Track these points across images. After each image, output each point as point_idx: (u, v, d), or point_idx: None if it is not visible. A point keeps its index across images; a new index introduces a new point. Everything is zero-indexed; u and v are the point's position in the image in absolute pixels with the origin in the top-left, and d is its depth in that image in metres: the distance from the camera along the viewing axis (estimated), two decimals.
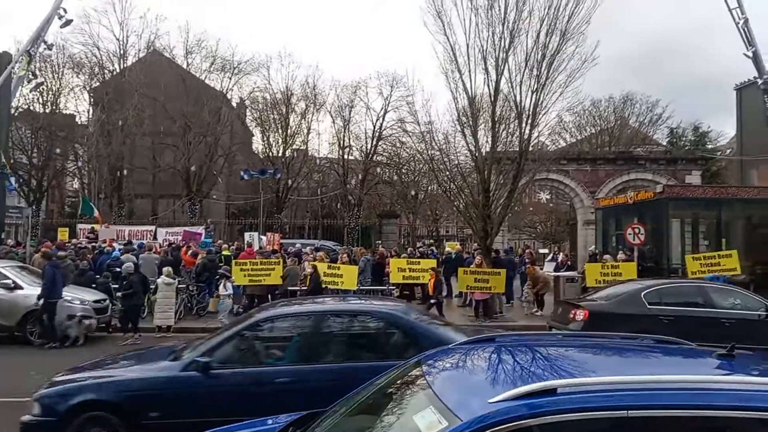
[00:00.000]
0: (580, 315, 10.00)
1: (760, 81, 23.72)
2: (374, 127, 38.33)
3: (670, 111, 43.53)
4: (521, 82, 15.68)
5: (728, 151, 44.34)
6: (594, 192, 26.30)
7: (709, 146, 39.68)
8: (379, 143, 39.00)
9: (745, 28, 22.57)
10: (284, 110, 36.78)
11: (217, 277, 14.57)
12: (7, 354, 11.23)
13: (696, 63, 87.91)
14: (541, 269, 17.43)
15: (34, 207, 30.58)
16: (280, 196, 36.03)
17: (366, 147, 38.85)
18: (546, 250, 36.21)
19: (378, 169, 40.94)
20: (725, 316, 9.76)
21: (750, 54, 23.04)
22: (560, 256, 21.75)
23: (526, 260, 17.91)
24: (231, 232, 33.70)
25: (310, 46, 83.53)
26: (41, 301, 11.57)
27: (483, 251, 16.00)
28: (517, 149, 16.20)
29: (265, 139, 38.44)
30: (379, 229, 33.99)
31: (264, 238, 22.41)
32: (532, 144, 16.53)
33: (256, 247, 18.90)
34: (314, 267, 14.39)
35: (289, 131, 37.05)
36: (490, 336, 3.57)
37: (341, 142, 38.62)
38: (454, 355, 3.22)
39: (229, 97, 37.63)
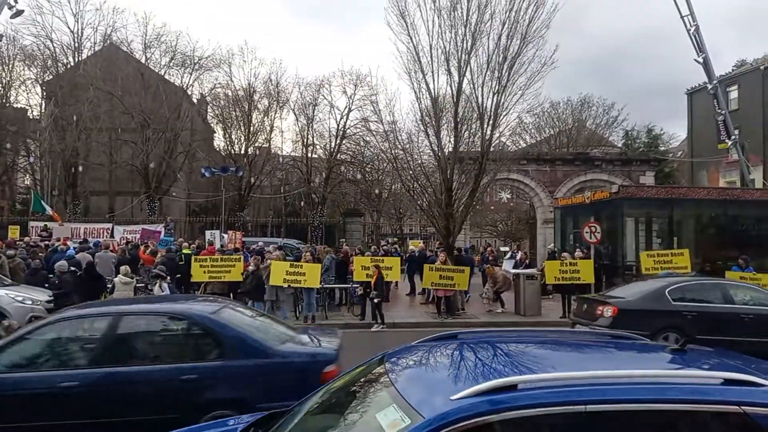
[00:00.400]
0: (609, 311, 10.31)
1: (709, 86, 24.78)
2: (338, 125, 38.23)
3: (625, 114, 44.99)
4: (483, 83, 15.96)
5: (680, 153, 46.14)
6: (553, 192, 26.96)
7: (662, 148, 41.18)
8: (343, 142, 38.88)
9: (696, 35, 23.54)
10: (247, 107, 36.27)
11: (153, 276, 14.10)
12: None
13: (650, 67, 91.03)
14: (500, 268, 17.71)
15: None
16: (243, 193, 35.53)
17: (330, 145, 38.70)
18: (507, 248, 36.88)
19: (342, 168, 40.81)
20: (744, 312, 10.18)
21: (700, 60, 24.03)
22: (519, 254, 22.18)
23: (489, 258, 18.21)
24: (192, 231, 33.05)
25: (273, 42, 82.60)
26: None
27: (446, 249, 16.20)
28: (479, 149, 16.45)
29: (227, 136, 37.84)
30: (343, 227, 33.91)
31: (225, 236, 22.07)
32: (493, 144, 16.83)
33: (217, 246, 18.59)
34: (256, 265, 14.36)
35: (251, 128, 36.56)
36: (453, 333, 3.64)
37: (305, 140, 38.36)
38: (417, 353, 3.26)
39: (189, 93, 36.87)
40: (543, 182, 27.45)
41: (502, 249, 29.17)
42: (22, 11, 20.01)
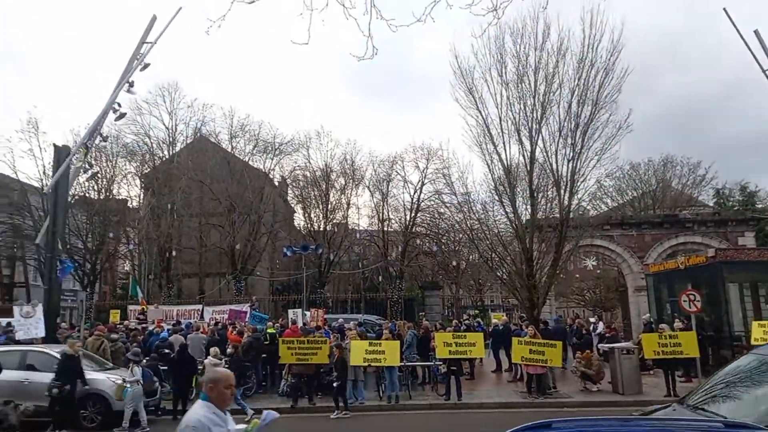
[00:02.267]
0: None
1: None
2: (412, 199, 38.76)
3: (713, 171, 42.58)
4: (556, 151, 15.85)
5: None
6: (642, 257, 25.52)
7: (760, 206, 38.31)
8: (418, 215, 39.25)
9: None
10: (324, 186, 37.71)
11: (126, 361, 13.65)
12: None
13: (734, 122, 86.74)
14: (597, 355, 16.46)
15: (88, 290, 31.65)
16: (323, 270, 36.28)
17: (405, 219, 39.17)
18: (594, 319, 34.82)
19: (418, 240, 40.94)
20: None
21: None
22: (600, 326, 20.79)
23: (583, 332, 17.28)
24: (275, 308, 33.88)
25: (347, 122, 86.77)
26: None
27: (530, 322, 15.57)
28: (558, 216, 16.09)
29: (306, 215, 39.25)
30: (422, 300, 33.54)
31: (308, 314, 22.40)
32: (572, 211, 16.42)
33: (300, 324, 18.89)
34: (338, 347, 14.18)
35: (329, 207, 37.80)
36: (547, 422, 3.41)
37: (380, 215, 39.11)
38: None
39: (271, 176, 38.95)
40: (630, 247, 26.11)
41: (591, 320, 27.58)
42: (125, 114, 22.27)
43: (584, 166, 15.49)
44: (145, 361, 14.64)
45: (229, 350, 13.78)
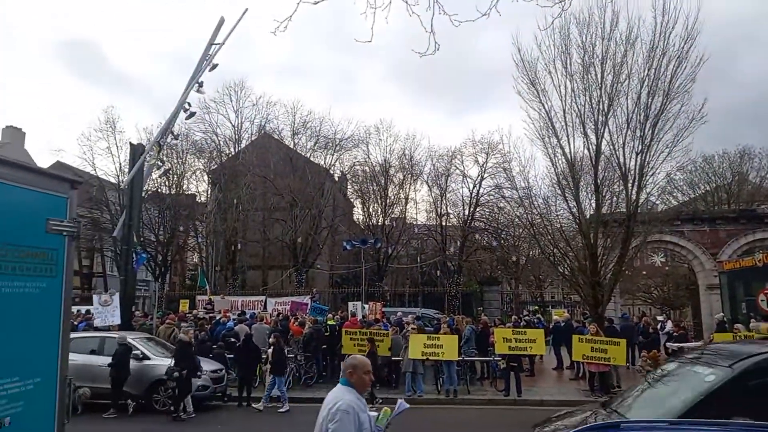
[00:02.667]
0: None
1: None
2: (471, 193, 38.44)
3: None
4: (624, 143, 15.34)
5: None
6: (715, 254, 24.29)
7: None
8: (477, 209, 38.88)
9: None
10: (383, 181, 38.00)
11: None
12: (139, 421, 12.03)
13: None
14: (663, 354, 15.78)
15: (159, 280, 33.35)
16: (381, 264, 36.62)
17: (463, 214, 38.89)
18: (663, 317, 33.46)
19: (477, 235, 40.57)
20: None
21: None
22: (668, 325, 19.92)
23: (650, 330, 16.67)
24: (335, 301, 34.53)
25: (406, 118, 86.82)
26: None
27: (594, 319, 15.17)
28: (624, 211, 15.57)
29: (365, 209, 39.70)
30: (480, 296, 33.25)
31: (366, 306, 22.71)
32: (640, 205, 15.84)
33: (359, 316, 19.19)
34: (371, 341, 14.29)
35: (387, 201, 38.07)
36: (615, 422, 3.36)
37: (438, 210, 39.01)
38: None
39: (331, 172, 39.60)
40: (702, 243, 24.89)
41: (658, 318, 26.50)
42: (195, 113, 23.27)
43: (653, 159, 14.91)
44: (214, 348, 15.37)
45: (270, 340, 14.11)
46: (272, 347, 13.60)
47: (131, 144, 19.96)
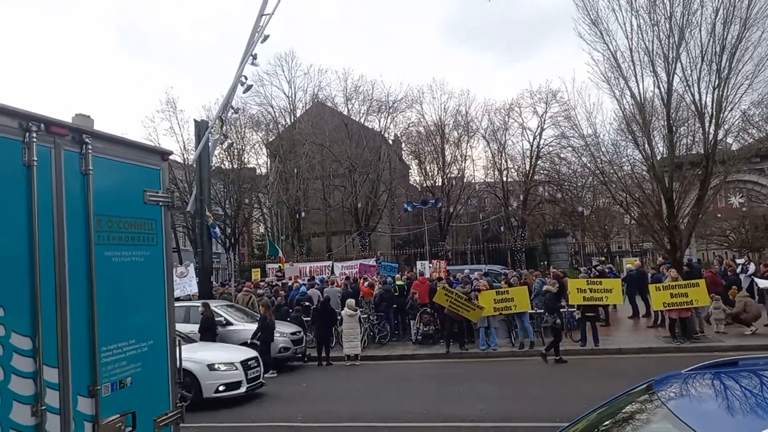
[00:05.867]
0: None
1: None
2: (531, 146, 37.50)
3: None
4: (699, 79, 14.44)
5: None
6: None
7: None
8: (538, 162, 37.95)
9: None
10: (439, 141, 37.61)
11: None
12: None
13: None
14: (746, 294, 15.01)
15: (230, 252, 34.75)
16: (442, 224, 36.60)
17: (524, 167, 38.07)
18: (744, 260, 31.96)
19: (539, 189, 39.71)
20: None
21: None
22: (751, 266, 18.90)
23: (729, 274, 15.95)
24: (398, 263, 34.93)
25: (459, 73, 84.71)
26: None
27: (673, 265, 14.64)
28: (698, 152, 14.78)
29: (422, 170, 39.56)
30: (544, 249, 32.74)
31: (430, 266, 22.82)
32: (718, 143, 14.96)
33: (427, 275, 19.36)
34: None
35: (445, 160, 37.72)
36: (732, 359, 3.21)
37: (498, 166, 38.34)
38: (695, 382, 2.94)
39: (386, 135, 39.54)
40: None
41: (738, 261, 25.28)
42: (251, 86, 23.61)
43: (732, 92, 13.96)
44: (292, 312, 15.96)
45: (200, 309, 13.84)
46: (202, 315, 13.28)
47: (195, 121, 20.58)
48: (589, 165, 18.53)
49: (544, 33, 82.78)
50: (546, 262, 29.71)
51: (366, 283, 18.65)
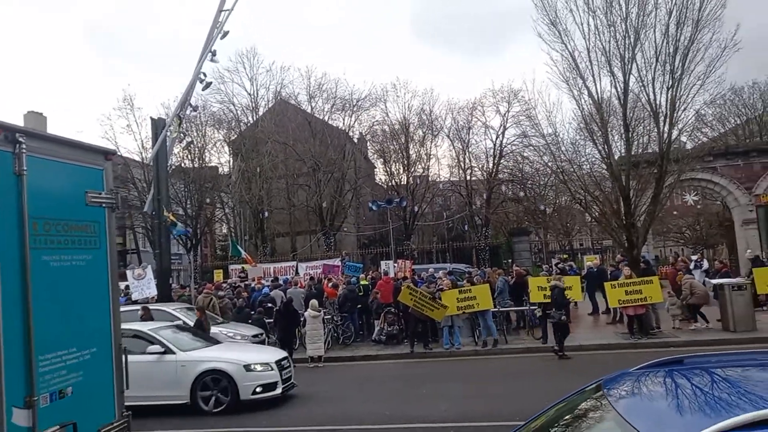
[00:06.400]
0: None
1: None
2: (494, 145, 37.89)
3: None
4: (653, 79, 14.79)
5: None
6: (750, 188, 23.64)
7: None
8: (501, 161, 38.39)
9: None
10: (403, 140, 37.63)
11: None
12: None
13: None
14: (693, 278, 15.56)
15: (191, 253, 33.99)
16: (408, 223, 36.65)
17: (488, 166, 38.46)
18: (697, 257, 33.17)
19: (502, 187, 40.18)
20: None
21: None
22: (704, 263, 19.58)
23: (683, 268, 16.43)
24: (363, 262, 34.83)
25: (422, 72, 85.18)
26: None
27: (630, 263, 14.97)
28: (654, 151, 15.16)
29: (387, 169, 39.51)
30: (508, 247, 33.13)
31: (395, 265, 22.81)
32: (672, 142, 15.37)
33: (391, 275, 19.32)
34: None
35: (409, 159, 37.78)
36: (678, 358, 3.26)
37: (462, 164, 38.61)
38: (641, 380, 2.96)
39: (350, 133, 39.32)
40: (736, 179, 24.19)
41: (692, 257, 26.14)
42: (211, 83, 23.09)
43: (685, 92, 14.35)
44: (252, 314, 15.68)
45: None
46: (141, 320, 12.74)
47: (152, 119, 19.98)
48: (550, 164, 18.79)
49: (509, 32, 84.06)
50: (510, 260, 30.04)
51: (330, 284, 18.51)
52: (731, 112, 40.48)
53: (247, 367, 9.64)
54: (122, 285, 20.48)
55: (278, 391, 9.80)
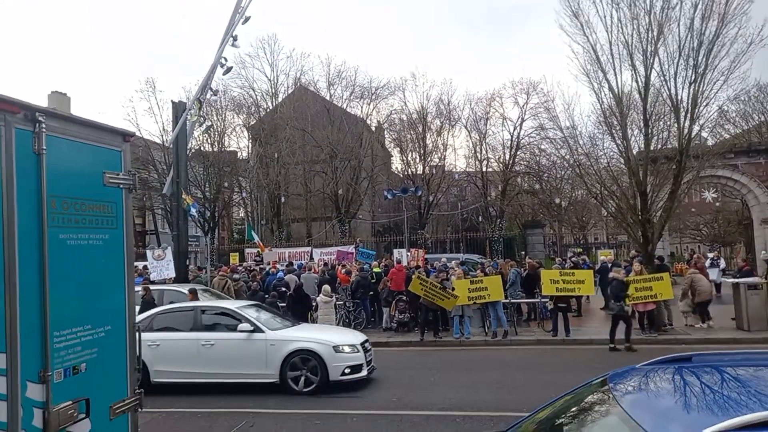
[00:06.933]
0: None
1: None
2: (512, 137, 37.60)
3: None
4: (675, 73, 14.57)
5: None
6: None
7: None
8: (518, 153, 38.10)
9: None
10: (421, 129, 37.49)
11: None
12: None
13: None
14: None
15: (209, 235, 34.41)
16: (422, 212, 36.63)
17: (504, 157, 38.20)
18: (714, 254, 32.72)
19: (518, 179, 39.91)
20: None
21: None
22: (722, 262, 19.30)
23: (696, 265, 16.27)
24: (377, 250, 34.94)
25: (443, 62, 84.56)
26: None
27: (645, 259, 14.85)
28: (674, 146, 14.96)
29: (403, 158, 39.40)
30: (521, 239, 32.98)
31: (408, 254, 22.85)
32: (692, 139, 15.15)
33: (404, 263, 19.39)
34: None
35: (426, 149, 37.65)
36: (686, 355, 3.24)
37: (478, 155, 38.40)
38: (647, 377, 2.95)
39: (368, 122, 39.28)
40: (757, 176, 23.79)
41: (709, 255, 25.78)
42: (231, 68, 23.19)
43: (708, 88, 14.12)
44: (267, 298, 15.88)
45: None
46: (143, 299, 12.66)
47: (173, 102, 20.17)
48: (566, 157, 18.66)
49: (530, 23, 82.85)
50: (524, 253, 29.91)
51: (344, 270, 18.62)
52: (755, 109, 39.56)
53: (336, 348, 9.65)
54: (141, 265, 20.87)
55: (364, 372, 9.82)
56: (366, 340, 10.47)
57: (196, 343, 9.91)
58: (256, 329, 9.82)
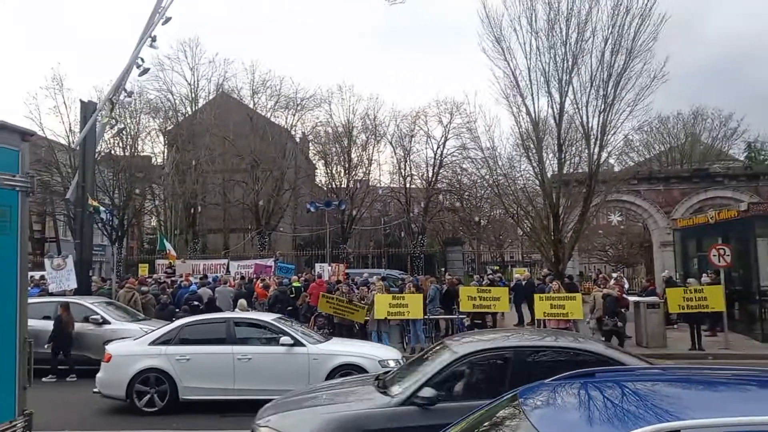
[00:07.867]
0: None
1: None
2: (435, 155, 38.44)
3: (746, 124, 41.33)
4: (587, 102, 15.49)
5: None
6: (669, 212, 25.12)
7: None
8: (441, 171, 38.99)
9: None
10: (346, 143, 37.52)
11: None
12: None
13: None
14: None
15: (116, 245, 32.41)
16: (345, 226, 36.51)
17: (427, 175, 38.96)
18: (617, 274, 34.92)
19: (440, 197, 40.80)
20: None
21: None
22: (624, 282, 20.44)
23: (600, 284, 17.16)
24: (298, 264, 34.38)
25: (368, 76, 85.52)
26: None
27: (555, 277, 15.52)
28: (585, 171, 15.83)
29: (328, 171, 39.24)
30: (442, 256, 33.66)
31: (330, 268, 22.66)
32: (600, 165, 16.12)
33: (325, 278, 19.14)
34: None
35: (351, 163, 37.69)
36: (590, 370, 3.39)
37: (402, 172, 38.92)
38: (555, 391, 3.06)
39: (293, 132, 38.80)
40: (657, 202, 25.68)
41: (613, 275, 27.51)
42: (148, 69, 22.10)
43: (615, 118, 15.12)
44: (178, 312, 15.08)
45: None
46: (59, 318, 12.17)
47: (82, 102, 18.89)
48: (486, 177, 19.28)
49: (457, 44, 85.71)
50: (443, 269, 30.52)
51: (261, 284, 18.10)
52: (656, 139, 43.11)
53: (382, 363, 9.15)
54: (38, 275, 19.22)
55: None
56: (400, 358, 10.02)
57: (230, 357, 9.16)
58: (297, 343, 9.29)
